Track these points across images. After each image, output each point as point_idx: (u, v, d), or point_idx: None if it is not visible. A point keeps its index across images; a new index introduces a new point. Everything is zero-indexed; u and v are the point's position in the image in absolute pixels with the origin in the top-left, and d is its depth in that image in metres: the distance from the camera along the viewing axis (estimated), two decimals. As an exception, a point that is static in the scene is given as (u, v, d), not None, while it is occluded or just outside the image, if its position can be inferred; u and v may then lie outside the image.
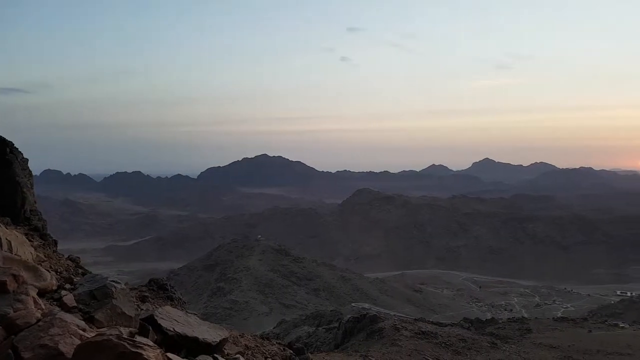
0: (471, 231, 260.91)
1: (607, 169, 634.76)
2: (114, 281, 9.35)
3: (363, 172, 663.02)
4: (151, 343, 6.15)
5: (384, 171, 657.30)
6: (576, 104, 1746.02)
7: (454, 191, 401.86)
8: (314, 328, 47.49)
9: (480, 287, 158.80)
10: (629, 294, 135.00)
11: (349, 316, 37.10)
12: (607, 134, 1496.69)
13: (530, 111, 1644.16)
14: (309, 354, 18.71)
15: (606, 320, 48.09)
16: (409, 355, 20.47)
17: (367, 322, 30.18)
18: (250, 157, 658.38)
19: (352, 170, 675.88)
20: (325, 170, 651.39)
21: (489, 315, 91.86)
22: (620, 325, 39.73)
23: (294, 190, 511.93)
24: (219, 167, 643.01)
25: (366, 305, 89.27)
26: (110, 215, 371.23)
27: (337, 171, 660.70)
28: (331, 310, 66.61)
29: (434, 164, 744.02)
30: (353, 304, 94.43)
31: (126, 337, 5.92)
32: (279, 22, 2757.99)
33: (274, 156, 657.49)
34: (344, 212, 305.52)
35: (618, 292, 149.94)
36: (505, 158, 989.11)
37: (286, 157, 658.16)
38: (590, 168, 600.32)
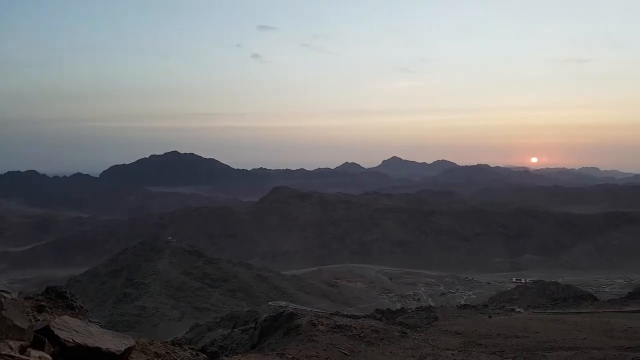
0: (382, 225, 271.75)
1: (502, 166, 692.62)
2: (3, 291, 8.35)
3: (280, 169, 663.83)
4: (47, 356, 5.55)
5: (300, 169, 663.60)
6: (474, 106, 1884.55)
7: (366, 188, 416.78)
8: (230, 330, 46.55)
9: (390, 279, 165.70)
10: (523, 280, 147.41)
11: (265, 315, 36.77)
12: (502, 133, 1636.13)
13: (433, 112, 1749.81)
14: (224, 357, 18.23)
15: (504, 306, 52.47)
16: (325, 349, 20.69)
17: (284, 320, 30.08)
18: (159, 154, 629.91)
19: (268, 168, 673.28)
20: (240, 168, 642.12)
21: (399, 306, 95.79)
22: (517, 309, 43.45)
23: (208, 189, 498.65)
24: (125, 165, 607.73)
25: (283, 303, 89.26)
26: (2, 218, 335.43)
27: (253, 169, 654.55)
28: (247, 311, 65.72)
29: (347, 162, 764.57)
30: (270, 303, 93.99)
31: (15, 352, 5.28)
32: (188, 17, 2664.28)
33: (185, 153, 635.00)
34: (260, 210, 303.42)
35: (514, 279, 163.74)
36: (411, 156, 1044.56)
37: (198, 155, 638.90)
38: (487, 165, 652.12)
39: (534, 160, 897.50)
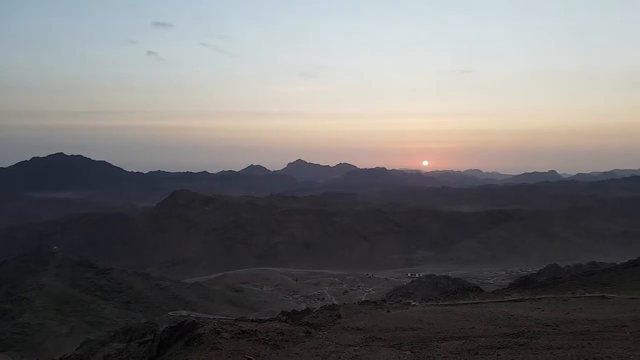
0: (288, 228, 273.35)
1: (397, 169, 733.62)
2: None
3: (180, 172, 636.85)
4: None
5: (203, 171, 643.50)
6: (373, 112, 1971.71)
7: (271, 190, 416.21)
8: (125, 344, 43.55)
9: (296, 280, 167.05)
10: (417, 275, 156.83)
11: (164, 326, 34.89)
12: (397, 138, 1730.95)
13: (336, 117, 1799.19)
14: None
15: (401, 300, 55.17)
16: (229, 356, 20.09)
17: (185, 330, 28.72)
18: (42, 156, 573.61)
19: (167, 171, 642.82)
20: (136, 171, 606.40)
21: (304, 306, 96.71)
22: (412, 303, 45.82)
23: (99, 193, 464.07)
24: (1, 168, 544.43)
25: (184, 313, 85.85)
26: None
27: (150, 172, 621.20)
28: (145, 323, 62.19)
29: (252, 164, 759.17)
30: (170, 313, 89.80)
31: None
32: (77, 9, 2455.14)
33: (72, 155, 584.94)
34: (159, 215, 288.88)
35: (409, 275, 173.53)
36: (315, 159, 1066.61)
37: (88, 157, 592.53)
38: (384, 168, 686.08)
39: (425, 163, 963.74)
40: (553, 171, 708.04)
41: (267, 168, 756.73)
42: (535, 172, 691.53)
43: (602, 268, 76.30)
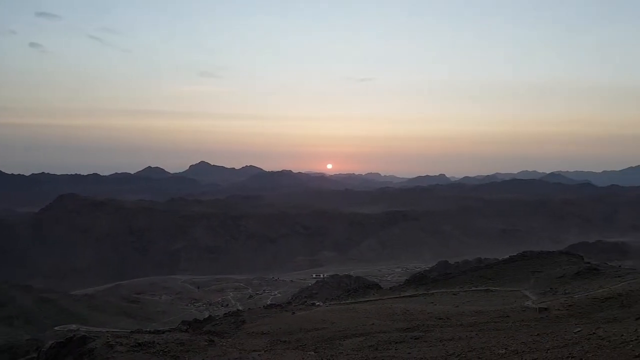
0: (190, 233, 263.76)
1: (303, 171, 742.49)
2: None
3: (67, 174, 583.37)
4: None
5: (93, 174, 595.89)
6: (278, 114, 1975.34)
7: (172, 194, 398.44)
8: (3, 365, 38.97)
9: (198, 288, 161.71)
10: (321, 276, 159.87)
11: (51, 342, 31.78)
12: (302, 141, 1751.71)
13: (241, 118, 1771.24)
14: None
15: (306, 301, 55.84)
16: (124, 372, 18.84)
17: (74, 346, 26.38)
18: None
19: (52, 173, 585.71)
20: (16, 173, 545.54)
21: (206, 314, 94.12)
22: (317, 303, 46.61)
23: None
24: None
25: (73, 327, 79.04)
26: None
27: (33, 174, 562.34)
28: (28, 340, 56.41)
29: (150, 166, 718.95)
30: (57, 328, 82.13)
31: None
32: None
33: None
34: (43, 222, 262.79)
35: (314, 275, 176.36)
36: (219, 161, 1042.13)
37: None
38: (290, 171, 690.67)
39: (329, 166, 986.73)
40: (443, 175, 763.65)
41: (166, 170, 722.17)
42: (427, 175, 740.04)
43: (486, 264, 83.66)
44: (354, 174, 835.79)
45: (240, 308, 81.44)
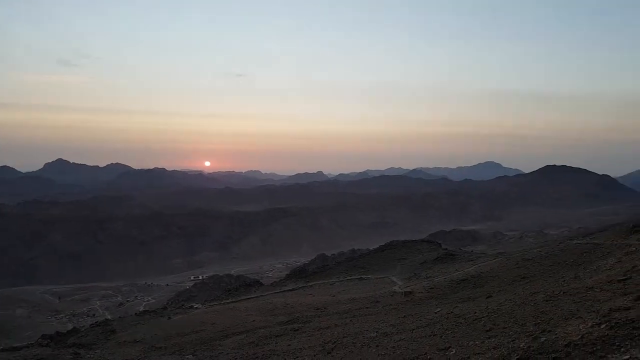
0: (48, 238, 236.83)
1: (178, 169, 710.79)
2: None
3: None
4: None
5: None
6: (148, 109, 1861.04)
7: (24, 196, 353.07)
8: None
9: (59, 298, 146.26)
10: (200, 277, 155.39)
11: None
12: (177, 137, 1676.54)
13: (106, 112, 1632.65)
14: None
15: (183, 305, 53.74)
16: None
17: None
18: None
19: None
20: None
21: (70, 326, 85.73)
22: (195, 306, 45.18)
23: None
24: None
25: None
26: None
27: None
28: None
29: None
30: None
31: None
32: None
33: None
34: None
35: (192, 277, 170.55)
36: (80, 159, 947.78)
37: None
38: (164, 169, 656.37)
39: (208, 164, 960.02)
40: (320, 172, 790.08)
41: (16, 169, 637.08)
42: (306, 172, 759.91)
43: (359, 254, 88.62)
44: (234, 171, 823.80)
45: (109, 317, 75.54)
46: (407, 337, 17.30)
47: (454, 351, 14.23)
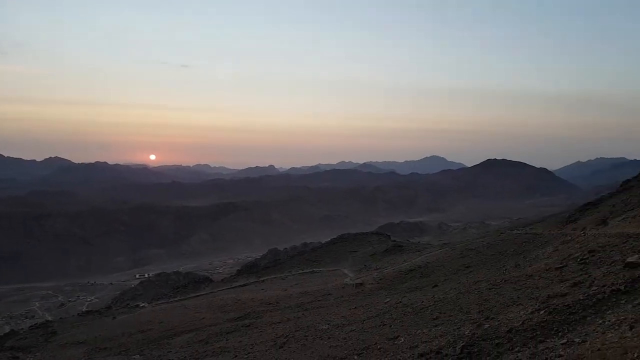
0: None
1: (121, 163, 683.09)
2: None
3: None
4: None
5: None
6: (85, 99, 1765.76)
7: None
8: None
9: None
10: (146, 275, 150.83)
11: None
12: (120, 130, 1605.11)
13: (41, 103, 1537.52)
14: None
15: (128, 304, 52.00)
16: None
17: None
18: None
19: None
20: None
21: (7, 329, 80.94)
22: (141, 305, 43.83)
23: None
24: None
25: None
26: None
27: None
28: None
29: None
30: None
31: None
32: None
33: None
34: None
35: (137, 276, 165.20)
36: (14, 152, 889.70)
37: None
38: (106, 162, 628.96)
39: (153, 157, 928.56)
40: (272, 166, 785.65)
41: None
42: (257, 166, 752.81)
43: (311, 247, 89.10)
44: (181, 165, 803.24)
45: (49, 319, 71.88)
46: (357, 328, 17.57)
47: (403, 340, 14.59)
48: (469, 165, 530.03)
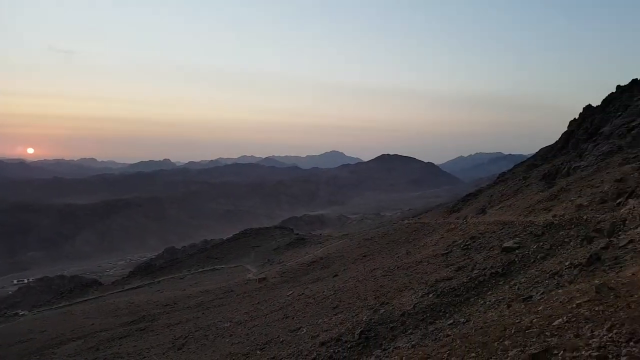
0: None
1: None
2: None
3: None
4: None
5: None
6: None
7: None
8: None
9: None
10: (26, 280, 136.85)
11: None
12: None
13: None
14: None
15: (6, 312, 46.69)
16: None
17: None
18: None
19: None
20: None
21: None
22: (20, 312, 39.73)
23: None
24: None
25: None
26: None
27: None
28: None
29: None
30: None
31: None
32: None
33: None
34: None
35: (15, 281, 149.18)
36: None
37: None
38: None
39: (31, 151, 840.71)
40: (167, 160, 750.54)
41: None
42: (151, 160, 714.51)
43: (212, 244, 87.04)
44: (63, 159, 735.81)
45: None
46: (260, 322, 17.58)
47: (305, 330, 14.91)
48: (366, 160, 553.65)
